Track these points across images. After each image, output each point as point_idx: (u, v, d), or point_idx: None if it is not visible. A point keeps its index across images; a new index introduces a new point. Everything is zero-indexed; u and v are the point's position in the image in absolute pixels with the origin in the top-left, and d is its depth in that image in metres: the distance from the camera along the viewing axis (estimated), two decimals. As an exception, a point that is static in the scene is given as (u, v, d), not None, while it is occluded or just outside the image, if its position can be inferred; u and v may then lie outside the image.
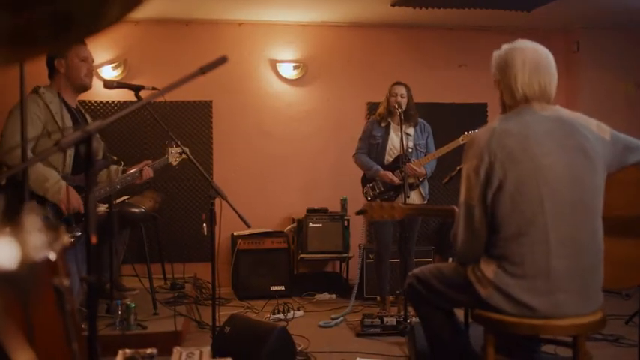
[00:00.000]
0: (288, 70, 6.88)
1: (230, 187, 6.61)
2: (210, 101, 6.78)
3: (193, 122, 6.75)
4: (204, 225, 3.80)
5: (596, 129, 2.48)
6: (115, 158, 5.12)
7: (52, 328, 1.22)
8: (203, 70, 1.80)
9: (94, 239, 1.60)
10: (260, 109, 6.89)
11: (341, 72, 6.99)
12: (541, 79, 2.47)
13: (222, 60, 1.81)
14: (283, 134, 6.91)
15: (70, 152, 3.05)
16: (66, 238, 1.31)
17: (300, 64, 6.88)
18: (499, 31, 6.60)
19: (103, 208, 4.83)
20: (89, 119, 3.43)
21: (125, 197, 5.46)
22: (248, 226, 3.49)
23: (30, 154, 2.82)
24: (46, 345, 1.21)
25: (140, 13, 4.81)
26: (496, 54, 2.61)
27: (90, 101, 6.44)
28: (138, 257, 5.38)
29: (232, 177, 6.75)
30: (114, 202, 4.74)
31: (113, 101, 6.48)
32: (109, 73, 6.46)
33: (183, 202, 6.68)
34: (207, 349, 2.68)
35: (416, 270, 2.83)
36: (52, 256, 1.20)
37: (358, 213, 3.05)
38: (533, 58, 2.49)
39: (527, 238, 2.35)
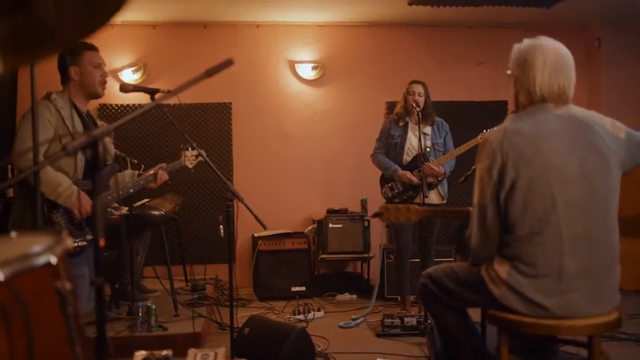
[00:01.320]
0: (307, 71, 6.89)
1: (250, 188, 6.67)
2: (230, 103, 6.81)
3: (213, 124, 6.79)
4: (221, 227, 3.81)
5: (611, 127, 2.44)
6: (136, 161, 5.18)
7: (54, 331, 1.23)
8: (209, 73, 1.81)
9: (102, 242, 1.61)
10: (279, 110, 6.91)
11: (359, 72, 6.98)
12: (560, 81, 2.43)
13: (228, 63, 1.82)
14: (302, 135, 6.92)
15: (81, 157, 3.08)
16: (69, 243, 1.32)
17: (318, 65, 6.89)
18: (518, 28, 6.53)
19: (123, 210, 4.89)
20: (99, 124, 3.45)
21: (146, 200, 5.52)
22: (264, 228, 3.49)
23: (41, 158, 2.85)
24: (48, 349, 1.22)
25: (158, 16, 4.85)
26: (516, 48, 2.55)
27: (110, 105, 6.51)
28: (159, 259, 5.41)
29: (252, 178, 6.79)
30: (134, 204, 4.80)
31: (133, 104, 6.54)
32: (129, 76, 6.53)
33: (204, 204, 6.72)
34: (222, 351, 2.68)
35: (429, 270, 2.81)
36: (54, 260, 1.21)
37: (374, 215, 3.04)
38: (554, 60, 2.43)
39: (540, 238, 2.32)
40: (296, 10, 6.42)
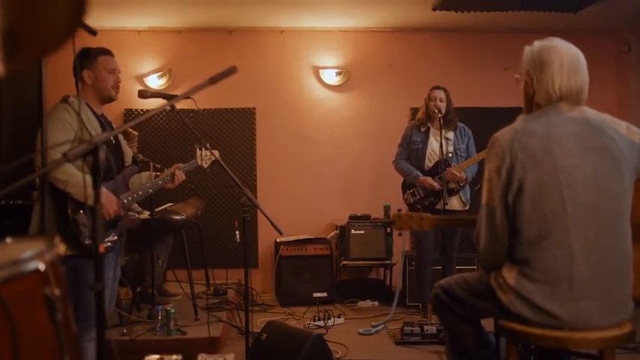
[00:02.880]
0: (331, 77, 6.89)
1: (273, 193, 6.70)
2: (254, 108, 6.85)
3: (237, 129, 6.83)
4: (237, 232, 3.81)
5: (626, 131, 2.39)
6: (159, 166, 5.21)
7: (43, 338, 1.24)
8: (213, 81, 1.82)
9: (101, 249, 1.62)
10: (303, 116, 6.92)
11: (384, 77, 6.96)
12: (577, 81, 2.39)
13: (232, 70, 1.82)
14: (326, 140, 6.93)
15: (102, 159, 3.09)
16: (61, 248, 1.33)
17: (342, 70, 6.88)
18: (545, 33, 6.41)
19: (145, 214, 4.94)
20: (115, 127, 3.48)
21: (168, 204, 5.57)
22: (280, 233, 3.47)
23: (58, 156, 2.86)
24: (36, 356, 1.23)
25: (184, 22, 4.90)
26: (529, 50, 2.51)
27: (135, 110, 6.58)
28: (181, 263, 5.44)
29: (276, 183, 6.82)
30: (156, 209, 4.84)
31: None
32: (155, 82, 6.61)
33: (226, 208, 6.74)
34: (231, 357, 2.69)
35: (442, 280, 2.78)
36: (41, 266, 1.22)
37: (387, 224, 3.02)
38: (570, 61, 2.40)
39: (549, 242, 2.27)
40: (320, 16, 6.43)
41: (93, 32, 2.22)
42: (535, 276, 2.29)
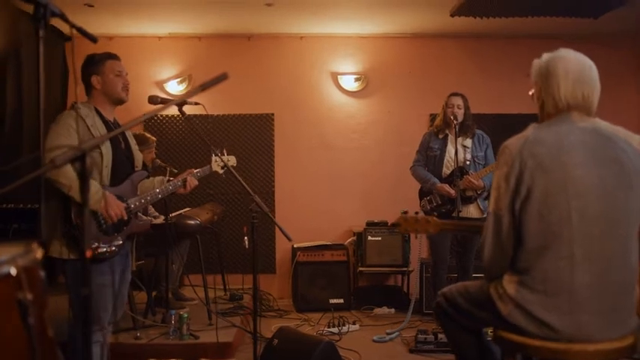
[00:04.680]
0: (350, 83, 6.89)
1: (291, 198, 6.72)
2: (272, 114, 6.87)
3: (256, 135, 6.85)
4: (246, 238, 3.81)
5: (638, 144, 2.36)
6: (176, 171, 5.26)
7: (15, 342, 1.25)
8: (203, 87, 1.83)
9: (88, 254, 1.62)
10: (321, 122, 6.92)
11: (402, 83, 6.94)
12: (584, 89, 2.37)
13: (223, 77, 1.83)
14: (344, 146, 6.92)
15: (107, 164, 3.14)
16: (39, 253, 1.34)
17: (361, 76, 6.88)
18: (566, 39, 6.32)
19: (160, 219, 4.98)
20: (128, 133, 3.51)
21: (187, 209, 5.61)
22: (289, 240, 3.47)
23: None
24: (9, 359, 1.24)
25: (204, 28, 4.93)
26: (536, 62, 2.50)
27: (155, 115, 6.63)
28: (198, 268, 5.47)
29: (294, 189, 6.83)
30: (171, 214, 4.88)
31: (178, 115, 6.65)
32: (175, 87, 6.67)
33: (242, 214, 6.75)
34: (231, 363, 2.68)
35: (444, 289, 2.75)
36: (13, 271, 1.23)
37: (392, 225, 3.01)
38: (576, 69, 2.38)
39: (552, 252, 2.23)
40: (339, 22, 6.43)
41: (94, 39, 2.24)
42: (535, 286, 2.26)
